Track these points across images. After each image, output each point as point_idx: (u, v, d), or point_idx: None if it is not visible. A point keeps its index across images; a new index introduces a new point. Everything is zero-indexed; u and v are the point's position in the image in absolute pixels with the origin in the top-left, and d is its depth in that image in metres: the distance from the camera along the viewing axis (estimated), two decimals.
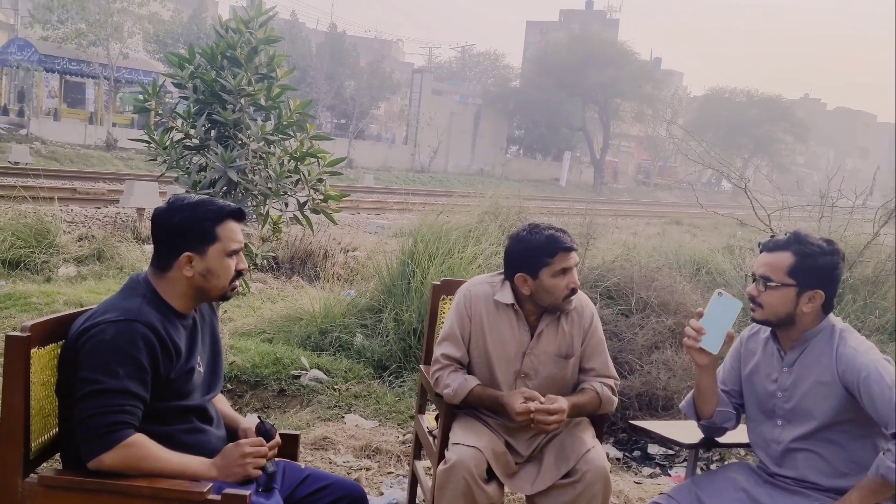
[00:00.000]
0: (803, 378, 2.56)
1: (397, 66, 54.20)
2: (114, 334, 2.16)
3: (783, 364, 2.61)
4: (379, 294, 6.31)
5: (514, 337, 3.01)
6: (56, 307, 6.44)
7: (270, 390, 5.24)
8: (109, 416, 2.12)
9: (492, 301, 3.03)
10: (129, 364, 2.15)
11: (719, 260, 8.14)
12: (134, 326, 2.17)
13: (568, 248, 2.91)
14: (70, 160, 24.46)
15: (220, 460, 2.26)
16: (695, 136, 8.28)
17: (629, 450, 4.95)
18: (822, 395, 2.51)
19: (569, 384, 3.06)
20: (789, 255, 2.54)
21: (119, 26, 29.97)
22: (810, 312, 2.55)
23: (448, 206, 7.39)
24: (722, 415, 2.73)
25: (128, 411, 2.15)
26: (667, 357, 5.12)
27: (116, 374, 2.13)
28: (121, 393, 2.14)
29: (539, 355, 3.00)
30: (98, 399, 2.12)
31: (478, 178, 40.32)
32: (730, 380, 2.79)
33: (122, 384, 2.14)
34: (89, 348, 2.16)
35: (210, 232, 2.32)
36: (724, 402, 2.74)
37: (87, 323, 2.21)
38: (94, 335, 2.16)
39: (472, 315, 3.03)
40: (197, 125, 4.95)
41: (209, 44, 5.17)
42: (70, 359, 2.21)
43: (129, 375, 2.15)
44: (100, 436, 2.12)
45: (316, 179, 5.18)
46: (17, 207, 9.40)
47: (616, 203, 32.69)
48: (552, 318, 3.02)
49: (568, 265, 2.91)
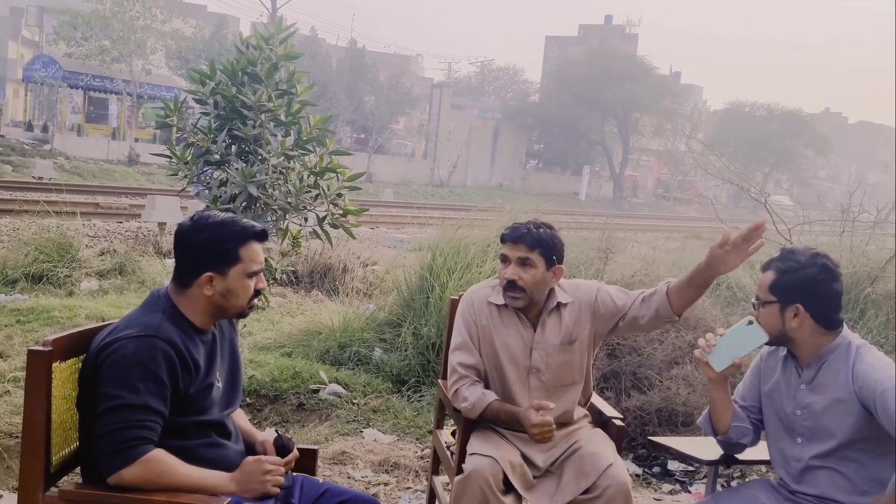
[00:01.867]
0: (821, 396, 2.54)
1: (417, 81, 54.37)
2: (134, 350, 2.17)
3: (801, 382, 2.60)
4: (398, 308, 6.32)
5: (518, 335, 3.06)
6: (78, 321, 6.50)
7: (289, 404, 5.25)
8: (129, 432, 2.14)
9: (492, 304, 3.09)
10: (149, 379, 2.17)
11: (739, 275, 8.09)
12: (154, 342, 2.19)
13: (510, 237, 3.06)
14: (93, 175, 24.71)
15: (240, 475, 2.27)
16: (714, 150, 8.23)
17: (649, 466, 4.92)
18: (840, 413, 2.49)
19: (579, 369, 3.10)
20: (772, 273, 2.56)
21: (142, 43, 30.33)
22: (801, 328, 2.54)
23: (467, 220, 7.40)
24: (738, 430, 2.72)
25: (147, 426, 2.16)
26: (686, 372, 5.08)
27: (137, 389, 2.15)
28: (141, 408, 2.15)
29: (545, 348, 3.05)
30: (118, 414, 2.14)
31: (497, 193, 40.31)
32: (749, 396, 2.77)
33: (143, 399, 2.15)
34: (110, 363, 2.17)
35: (232, 253, 2.33)
36: (739, 417, 2.72)
37: (108, 338, 2.23)
38: (114, 350, 2.18)
39: (476, 320, 3.09)
40: (217, 140, 5.00)
41: (230, 60, 5.22)
42: (91, 374, 2.22)
43: (149, 391, 2.16)
44: (120, 451, 2.14)
45: (335, 194, 5.21)
46: (41, 222, 9.51)
47: (635, 217, 32.55)
48: (552, 311, 3.07)
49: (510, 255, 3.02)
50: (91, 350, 2.26)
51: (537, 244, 2.99)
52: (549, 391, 3.05)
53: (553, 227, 3.09)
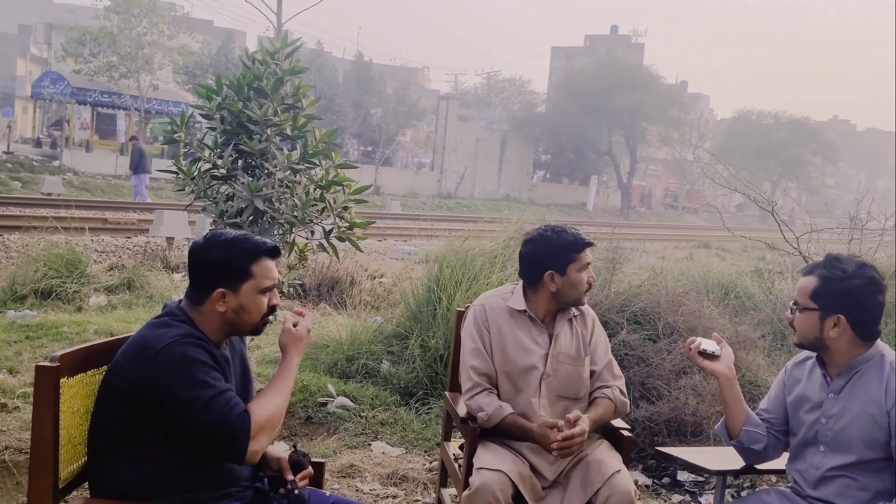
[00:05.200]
0: (850, 406, 2.52)
1: (423, 93, 54.58)
2: (182, 352, 2.21)
3: (829, 390, 2.57)
4: (405, 321, 6.31)
5: (532, 341, 3.09)
6: (87, 336, 6.51)
7: (297, 418, 5.25)
8: (228, 415, 2.19)
9: (506, 310, 3.13)
10: (208, 370, 2.23)
11: (748, 284, 8.07)
12: (194, 342, 2.25)
13: (589, 243, 3.13)
14: (101, 190, 24.84)
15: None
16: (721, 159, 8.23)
17: (658, 476, 4.90)
18: (866, 426, 2.47)
19: (584, 383, 3.13)
20: (814, 279, 2.53)
21: (149, 59, 30.55)
22: (839, 338, 2.51)
23: (474, 231, 7.40)
24: (749, 435, 2.70)
25: (234, 401, 2.23)
26: (695, 382, 5.06)
27: (206, 383, 2.21)
28: (220, 392, 2.22)
29: (558, 356, 3.09)
30: (208, 411, 2.18)
31: (504, 204, 40.32)
32: (773, 407, 2.76)
33: (215, 386, 2.22)
34: (168, 375, 2.18)
35: (244, 269, 2.35)
36: (753, 422, 2.71)
37: (147, 354, 2.21)
38: (164, 363, 2.19)
39: (488, 326, 3.12)
40: (224, 155, 5.03)
41: (236, 75, 5.26)
42: (149, 393, 2.19)
43: (214, 378, 2.23)
44: (234, 435, 2.19)
45: (341, 207, 5.23)
46: (50, 238, 9.55)
47: (643, 227, 32.53)
48: (564, 321, 3.13)
49: (589, 260, 3.12)
50: (128, 375, 2.21)
51: None
52: (553, 400, 3.07)
53: None
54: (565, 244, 3.08)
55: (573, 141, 49.30)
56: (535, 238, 3.15)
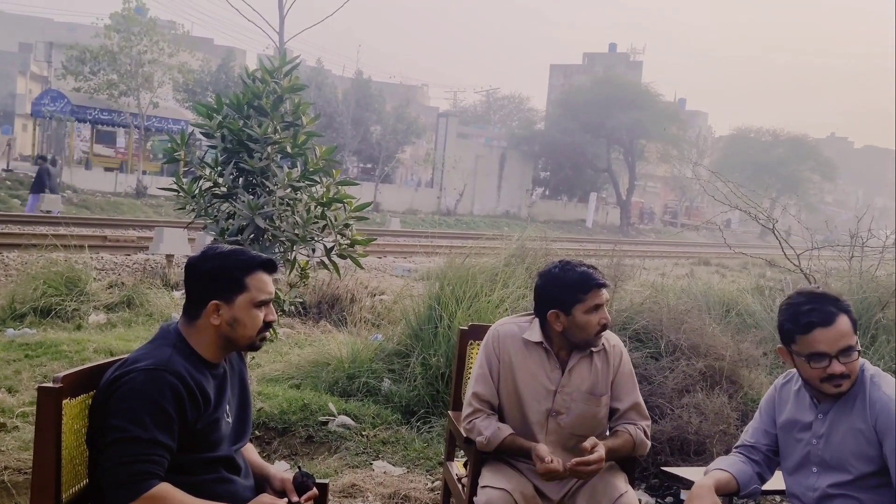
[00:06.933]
0: (838, 425, 2.51)
1: (423, 111, 54.75)
2: (142, 383, 2.17)
3: (818, 411, 2.57)
4: (406, 339, 6.29)
5: (544, 375, 2.99)
6: (86, 355, 6.49)
7: (298, 437, 5.22)
8: (136, 466, 2.13)
9: (520, 340, 3.02)
10: (157, 413, 2.16)
11: (749, 301, 8.05)
12: (162, 375, 2.19)
13: (601, 284, 2.93)
14: (101, 208, 24.85)
15: None
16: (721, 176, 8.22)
17: (661, 496, 4.86)
18: (856, 442, 2.47)
19: (601, 422, 3.04)
20: (846, 317, 2.47)
21: (149, 76, 30.59)
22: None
23: (475, 248, 7.39)
24: (748, 490, 2.67)
25: (154, 461, 2.15)
26: (698, 401, 5.04)
27: (144, 423, 2.14)
28: (148, 442, 2.14)
29: (571, 393, 2.98)
30: (125, 447, 2.13)
31: (504, 221, 40.34)
32: (759, 433, 2.74)
33: (150, 433, 2.14)
34: (119, 396, 2.17)
35: (238, 281, 2.33)
36: (745, 480, 2.66)
37: (118, 371, 2.23)
38: (124, 383, 2.18)
39: (500, 354, 3.03)
40: (225, 174, 5.02)
41: (236, 93, 5.26)
42: (100, 407, 2.22)
43: (156, 424, 2.15)
44: (125, 485, 2.12)
45: (342, 224, 5.21)
46: (49, 256, 9.54)
47: (643, 244, 32.53)
48: (583, 356, 3.00)
49: (600, 301, 2.92)
50: (101, 384, 2.26)
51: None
52: (566, 438, 2.99)
53: None
54: (570, 283, 2.92)
55: (572, 158, 49.35)
56: (545, 273, 3.03)
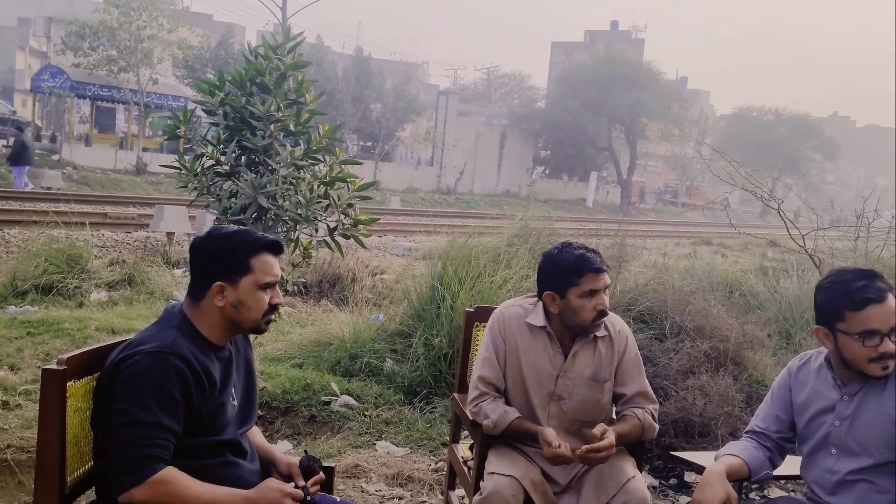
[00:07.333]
0: (865, 407, 2.46)
1: (423, 89, 54.49)
2: (147, 366, 2.14)
3: (843, 393, 2.51)
4: (408, 319, 6.26)
5: (547, 359, 2.96)
6: (88, 333, 6.47)
7: (301, 417, 5.20)
8: (141, 450, 2.10)
9: (524, 323, 2.98)
10: (162, 396, 2.13)
11: (752, 282, 8.03)
12: (167, 359, 2.16)
13: (597, 269, 2.85)
14: (101, 185, 24.77)
15: (256, 494, 2.22)
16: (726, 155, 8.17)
17: (665, 477, 4.86)
18: (884, 428, 2.41)
19: (604, 408, 3.01)
20: (892, 298, 2.44)
21: (149, 52, 30.41)
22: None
23: (478, 228, 7.35)
24: (759, 476, 2.62)
25: (159, 445, 2.12)
26: (703, 382, 5.02)
27: (149, 406, 2.11)
28: (153, 426, 2.11)
29: (573, 378, 2.95)
30: (130, 431, 2.10)
31: (504, 200, 40.28)
32: (772, 418, 2.68)
33: (155, 417, 2.12)
34: (123, 379, 2.14)
35: (243, 262, 2.30)
36: (756, 466, 2.62)
37: (123, 354, 2.20)
38: (129, 366, 2.15)
39: (506, 338, 3.00)
40: (227, 152, 4.98)
41: (238, 70, 5.20)
42: (105, 389, 2.19)
43: (161, 408, 2.13)
44: (130, 470, 2.10)
45: (346, 204, 5.18)
46: (50, 233, 9.50)
47: (644, 223, 32.49)
48: (586, 341, 2.96)
49: (596, 287, 2.85)
50: (106, 366, 2.23)
51: (608, 267, 2.92)
52: (569, 423, 2.97)
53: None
54: (566, 265, 2.86)
55: (573, 137, 49.15)
56: (545, 253, 2.99)
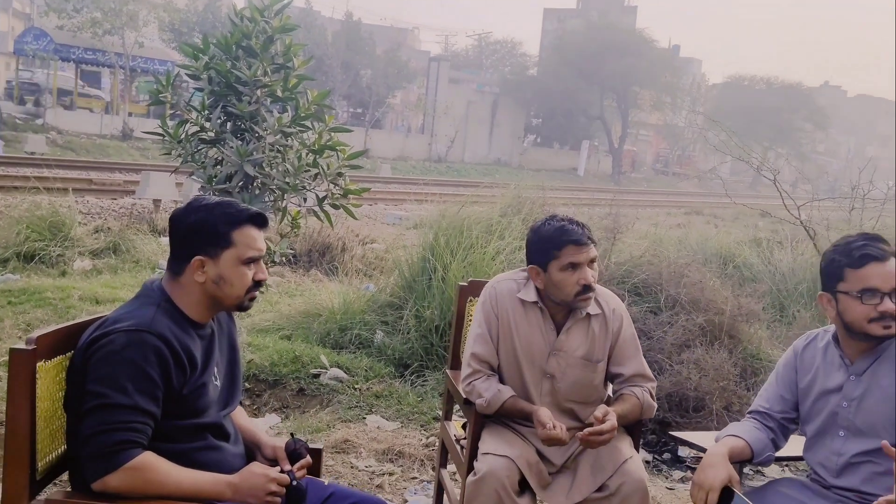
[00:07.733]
0: (875, 387, 2.37)
1: (414, 55, 53.84)
2: (124, 345, 2.01)
3: (850, 373, 2.42)
4: (399, 290, 6.16)
5: (540, 335, 2.87)
6: (71, 302, 6.34)
7: (289, 389, 5.11)
8: (116, 434, 1.98)
9: (517, 299, 2.89)
10: (139, 377, 2.01)
11: (746, 253, 7.96)
12: (145, 337, 2.03)
13: (576, 240, 2.73)
14: (86, 150, 24.44)
15: (239, 481, 2.10)
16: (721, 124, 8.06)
17: (658, 452, 4.80)
18: (892, 407, 2.33)
19: (597, 389, 2.93)
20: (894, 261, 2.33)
21: (134, 15, 29.88)
22: None
23: (470, 197, 7.22)
24: (762, 458, 2.53)
25: (136, 429, 2.00)
26: (697, 356, 4.95)
27: (125, 388, 1.99)
28: (129, 409, 1.99)
29: (565, 356, 2.85)
30: (104, 414, 1.98)
31: (495, 168, 40.10)
32: (775, 399, 2.58)
33: (131, 399, 1.99)
34: (98, 359, 2.02)
35: (225, 236, 2.16)
36: (759, 448, 2.53)
37: (97, 332, 2.06)
38: (103, 345, 2.02)
39: (498, 313, 2.89)
40: (212, 118, 4.83)
41: (223, 34, 5.03)
42: (78, 370, 2.06)
43: (138, 390, 2.00)
44: (105, 455, 1.97)
45: (335, 173, 5.04)
46: (32, 199, 9.31)
47: (635, 193, 32.39)
48: (579, 318, 2.86)
49: (577, 260, 2.74)
50: (79, 345, 2.09)
51: (593, 241, 2.81)
52: (562, 401, 2.88)
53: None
54: (546, 237, 2.77)
55: (564, 105, 48.85)
56: (531, 226, 2.89)
